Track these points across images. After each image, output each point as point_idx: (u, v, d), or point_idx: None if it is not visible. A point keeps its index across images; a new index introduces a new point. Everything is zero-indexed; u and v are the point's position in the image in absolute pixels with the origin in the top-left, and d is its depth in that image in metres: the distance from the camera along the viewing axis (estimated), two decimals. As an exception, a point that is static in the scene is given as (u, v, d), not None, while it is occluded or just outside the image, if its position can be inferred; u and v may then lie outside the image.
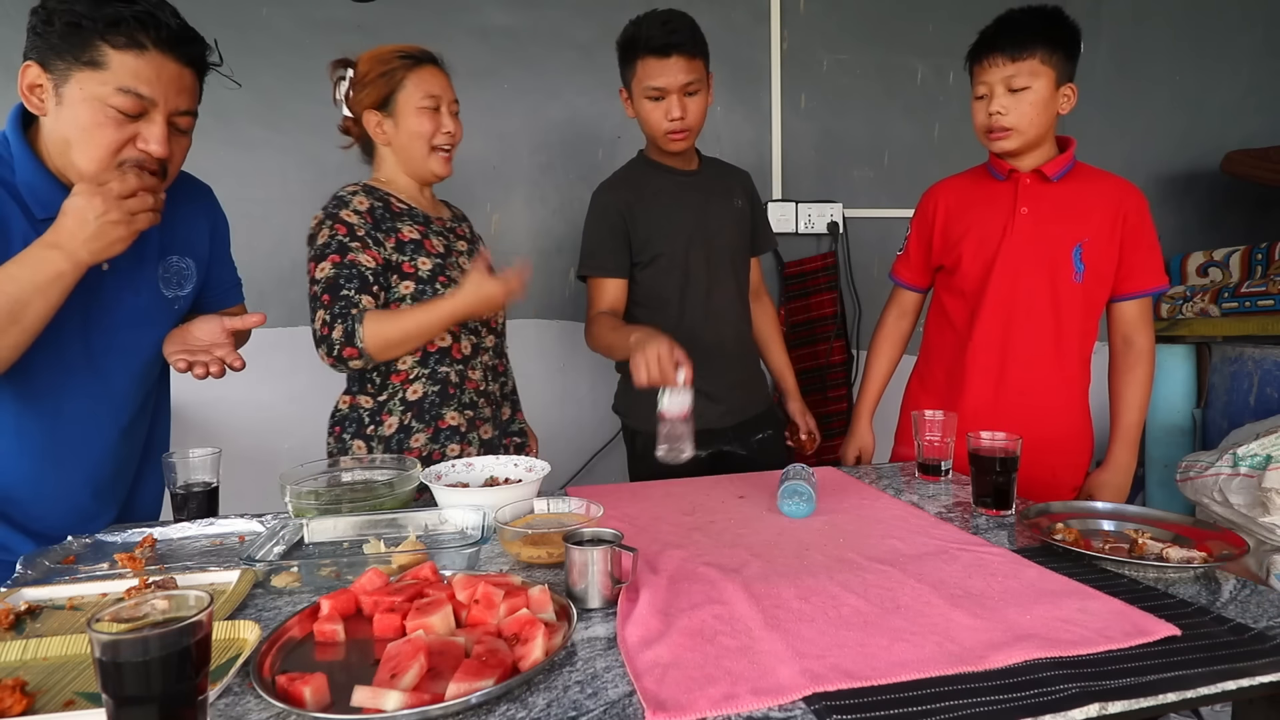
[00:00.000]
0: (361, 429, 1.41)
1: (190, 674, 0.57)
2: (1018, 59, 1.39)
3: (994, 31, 1.44)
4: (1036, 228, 1.47)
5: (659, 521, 1.17)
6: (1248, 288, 2.46)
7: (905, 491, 1.34)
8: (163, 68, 0.99)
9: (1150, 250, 1.48)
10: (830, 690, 0.66)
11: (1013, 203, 1.49)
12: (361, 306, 1.31)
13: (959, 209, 1.56)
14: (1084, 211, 1.46)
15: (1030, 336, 1.49)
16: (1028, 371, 1.50)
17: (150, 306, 1.17)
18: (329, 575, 0.93)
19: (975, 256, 1.51)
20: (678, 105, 1.54)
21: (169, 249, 1.20)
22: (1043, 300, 1.47)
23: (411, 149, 1.41)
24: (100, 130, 0.98)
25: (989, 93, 1.43)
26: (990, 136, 1.46)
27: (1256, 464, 1.96)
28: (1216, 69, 2.84)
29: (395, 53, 1.39)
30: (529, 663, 0.68)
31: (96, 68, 0.96)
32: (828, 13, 2.51)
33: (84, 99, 0.97)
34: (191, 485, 1.20)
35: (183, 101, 1.04)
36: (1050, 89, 1.41)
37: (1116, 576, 0.92)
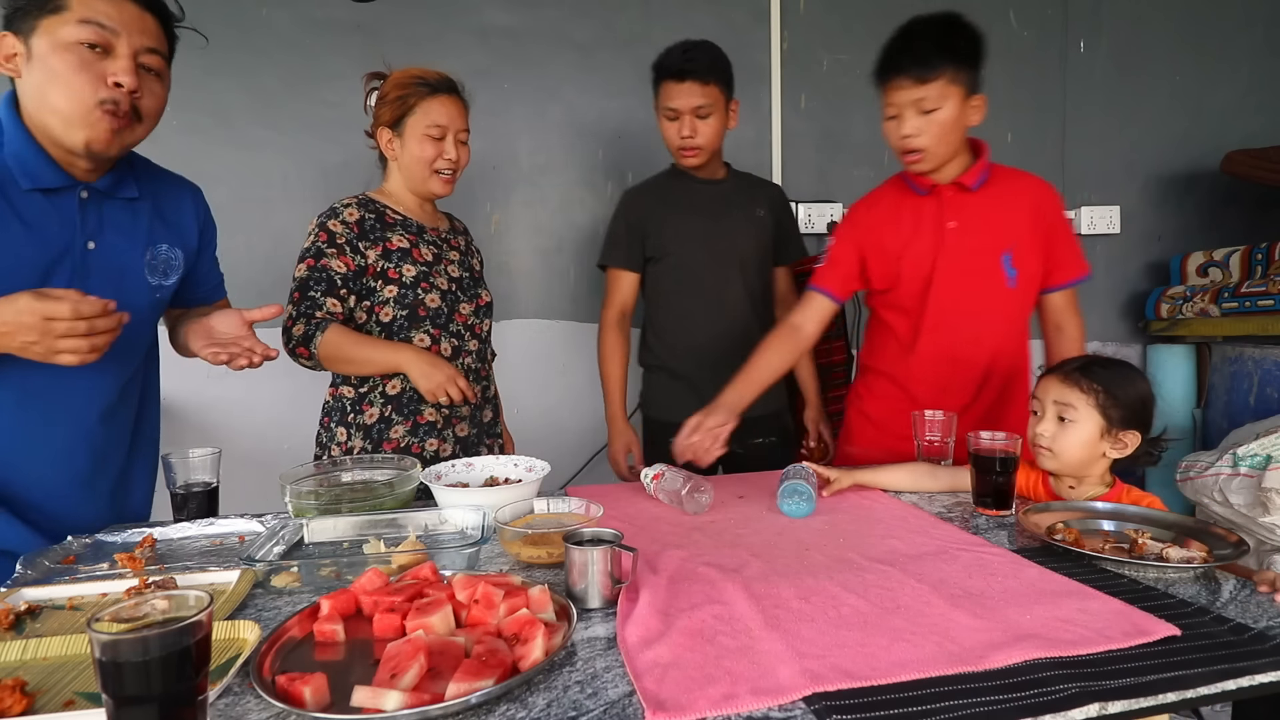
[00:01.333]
0: (344, 417, 1.50)
1: (190, 674, 0.57)
2: (925, 81, 1.37)
3: (898, 51, 1.41)
4: (966, 240, 1.49)
5: (659, 521, 1.17)
6: (1248, 288, 2.46)
7: (905, 492, 1.33)
8: (121, 6, 1.02)
9: (1070, 243, 1.53)
10: (830, 690, 0.66)
11: (940, 217, 1.50)
12: (327, 309, 1.41)
13: (888, 228, 1.55)
14: (1007, 218, 1.49)
15: (973, 344, 1.52)
16: (974, 376, 1.53)
17: (134, 292, 1.17)
18: (329, 575, 0.93)
19: (913, 274, 1.52)
20: (688, 125, 1.70)
21: (158, 238, 1.21)
22: (982, 308, 1.50)
23: (413, 169, 1.49)
24: (70, 71, 1.00)
25: (899, 114, 1.42)
26: (905, 158, 1.46)
27: (1256, 464, 1.96)
28: (1216, 69, 2.84)
29: (415, 78, 1.46)
30: (529, 663, 0.68)
31: (58, 11, 0.99)
32: (828, 13, 2.51)
33: (51, 46, 1.00)
34: (191, 485, 1.20)
35: (147, 40, 1.05)
36: (960, 106, 1.40)
37: (1116, 576, 0.92)
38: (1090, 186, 2.79)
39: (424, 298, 1.47)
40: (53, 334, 0.94)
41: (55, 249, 1.07)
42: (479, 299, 1.59)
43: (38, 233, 1.06)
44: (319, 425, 1.55)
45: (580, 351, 2.42)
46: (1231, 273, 2.60)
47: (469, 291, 1.57)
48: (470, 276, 1.60)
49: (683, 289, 1.82)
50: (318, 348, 1.38)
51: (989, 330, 1.52)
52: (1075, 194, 2.79)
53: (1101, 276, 2.85)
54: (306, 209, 2.12)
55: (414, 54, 2.22)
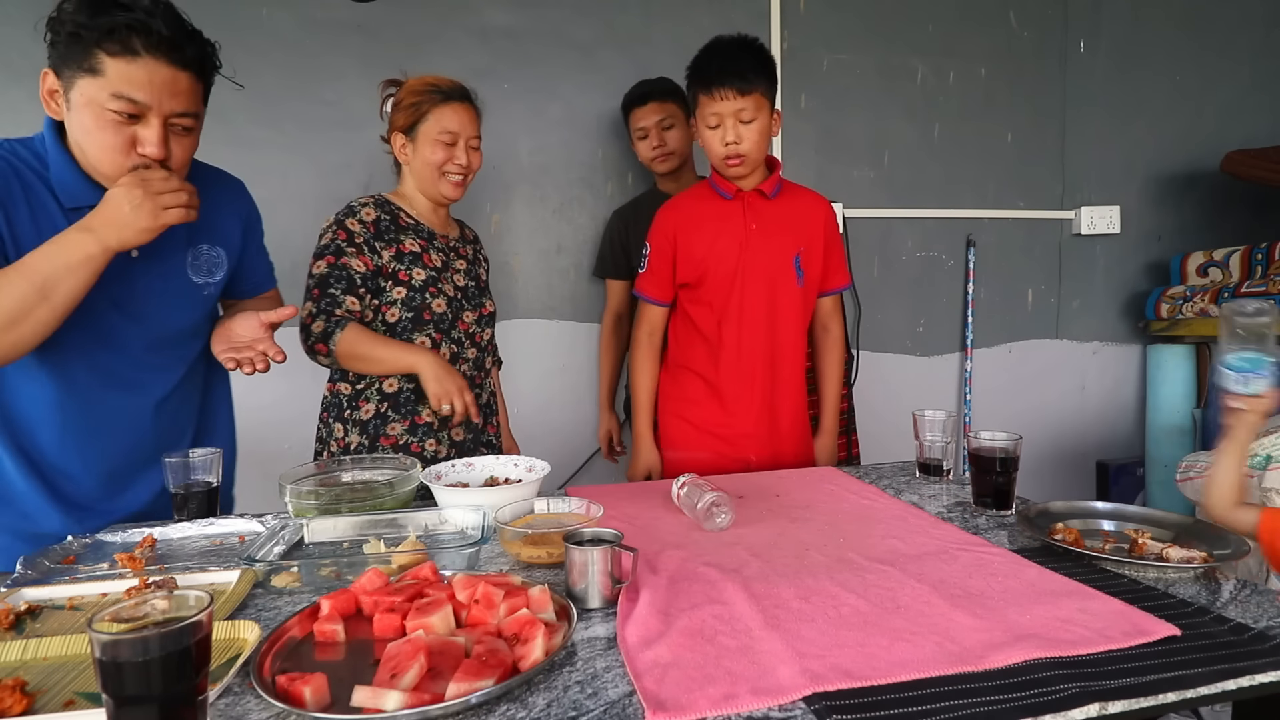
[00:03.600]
0: (341, 413, 1.52)
1: (190, 674, 0.57)
2: (746, 94, 1.52)
3: (720, 65, 1.53)
4: (766, 241, 1.64)
5: (659, 521, 1.17)
6: (1248, 288, 2.46)
7: (905, 491, 1.34)
8: (155, 72, 1.03)
9: (840, 254, 1.76)
10: (830, 690, 0.66)
11: (743, 219, 1.64)
12: (346, 307, 1.43)
13: (696, 227, 1.66)
14: (798, 224, 1.67)
15: (772, 336, 1.66)
16: (773, 366, 1.68)
17: (180, 291, 1.24)
18: (329, 575, 0.93)
19: (719, 269, 1.64)
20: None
21: (198, 238, 1.26)
22: (778, 304, 1.66)
23: (423, 174, 1.52)
24: (102, 133, 1.04)
25: (721, 123, 1.55)
26: (727, 163, 1.58)
27: (1256, 464, 1.96)
28: (1217, 68, 2.84)
29: (429, 85, 1.50)
30: (529, 663, 0.68)
31: (95, 74, 1.02)
32: (828, 13, 2.51)
33: (85, 104, 1.03)
34: (191, 485, 1.20)
35: (178, 104, 1.08)
36: (768, 117, 1.57)
37: (1116, 576, 0.92)
38: (1090, 186, 2.80)
39: (430, 302, 1.50)
40: (153, 191, 1.01)
41: None
42: (482, 308, 1.63)
43: None
44: (319, 420, 1.57)
45: (580, 351, 2.42)
46: (1231, 273, 2.60)
47: (473, 300, 1.61)
48: (475, 285, 1.63)
49: None
50: (336, 345, 1.40)
51: (783, 326, 1.67)
52: (1075, 194, 2.79)
53: (1101, 276, 2.85)
54: (306, 209, 2.12)
55: (414, 54, 2.23)
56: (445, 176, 1.51)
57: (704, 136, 1.60)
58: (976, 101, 2.67)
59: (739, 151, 1.56)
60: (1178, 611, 0.81)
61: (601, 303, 2.45)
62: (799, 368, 1.72)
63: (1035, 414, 2.81)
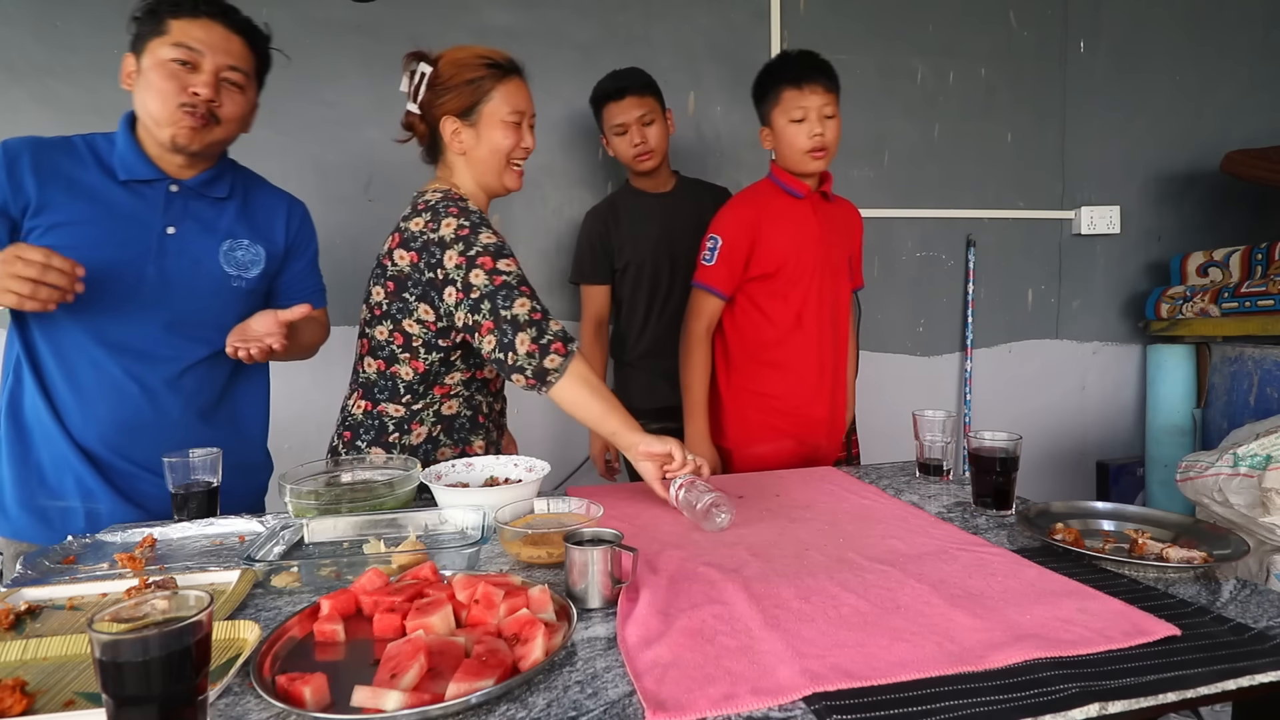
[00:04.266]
0: (382, 436, 1.37)
1: (190, 674, 0.57)
2: (830, 91, 1.65)
3: (806, 63, 1.65)
4: (829, 240, 1.75)
5: (659, 521, 1.17)
6: (1248, 288, 2.46)
7: (905, 491, 1.34)
8: (210, 29, 1.22)
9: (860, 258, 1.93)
10: (830, 690, 0.66)
11: (814, 218, 1.74)
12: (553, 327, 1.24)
13: (775, 222, 1.72)
14: (846, 229, 1.82)
15: (835, 330, 1.79)
16: (836, 357, 1.80)
17: (209, 276, 1.32)
18: (329, 575, 0.93)
19: (799, 264, 1.72)
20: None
21: (238, 231, 1.36)
22: (839, 300, 1.80)
23: (489, 162, 1.34)
24: (161, 81, 1.21)
25: (807, 117, 1.63)
26: (812, 155, 1.65)
27: (1256, 464, 1.96)
28: (1217, 69, 2.84)
29: (482, 59, 1.32)
30: (529, 663, 0.68)
31: (162, 35, 1.21)
32: (828, 13, 2.51)
33: (152, 63, 1.21)
34: (191, 485, 1.20)
35: (229, 58, 1.25)
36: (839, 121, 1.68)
37: (1116, 576, 0.92)
38: (1090, 186, 2.80)
39: None
40: (9, 270, 1.05)
41: (135, 229, 1.26)
42: None
43: (122, 214, 1.25)
44: (336, 438, 1.43)
45: (580, 351, 2.42)
46: (1231, 273, 2.60)
47: None
48: None
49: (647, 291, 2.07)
50: (568, 369, 1.22)
51: (842, 321, 1.82)
52: (1075, 194, 2.79)
53: (1101, 276, 2.85)
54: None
55: (414, 54, 2.23)
56: (511, 164, 1.36)
57: (783, 132, 1.66)
58: (976, 101, 2.67)
59: (824, 144, 1.63)
60: (1178, 611, 0.81)
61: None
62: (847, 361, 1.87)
63: (1035, 414, 2.81)
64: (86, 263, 1.15)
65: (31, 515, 1.25)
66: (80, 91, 2.08)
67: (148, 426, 1.29)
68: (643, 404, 2.06)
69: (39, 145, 1.23)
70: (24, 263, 1.05)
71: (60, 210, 1.21)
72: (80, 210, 1.22)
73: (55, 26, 2.05)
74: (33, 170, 1.20)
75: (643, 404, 2.06)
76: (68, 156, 1.24)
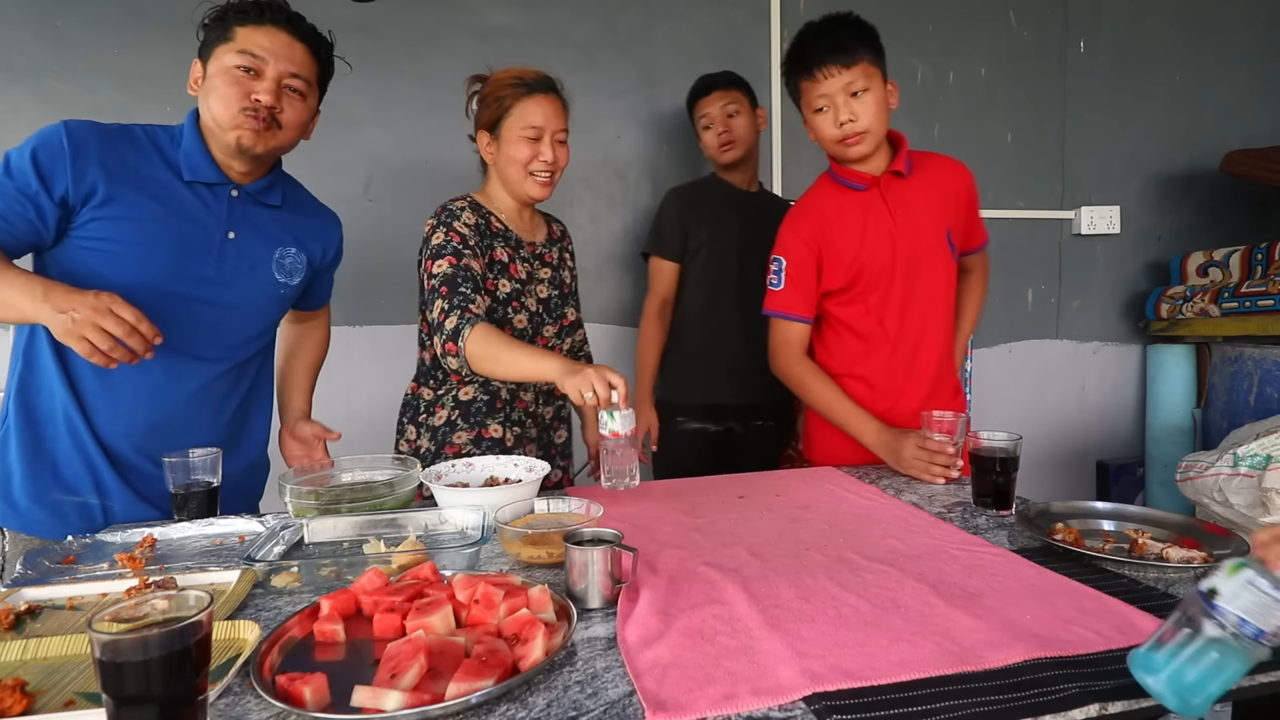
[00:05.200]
0: (416, 415, 1.53)
1: (190, 674, 0.57)
2: (851, 65, 1.43)
3: (815, 46, 1.45)
4: (914, 223, 1.54)
5: (659, 521, 1.17)
6: (1248, 288, 2.46)
7: (905, 491, 1.34)
8: (274, 37, 1.24)
9: (978, 213, 1.67)
10: (830, 690, 0.66)
11: (886, 208, 1.54)
12: (476, 304, 1.37)
13: (839, 228, 1.55)
14: (940, 198, 1.56)
15: (928, 318, 1.57)
16: (932, 359, 1.59)
17: (262, 283, 1.34)
18: (329, 575, 0.93)
19: (874, 265, 1.53)
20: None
21: (288, 242, 1.38)
22: (934, 285, 1.57)
23: (509, 172, 1.46)
24: (226, 87, 1.22)
25: (830, 103, 1.46)
26: (846, 143, 1.48)
27: (1256, 464, 1.96)
28: (1216, 69, 2.84)
29: (513, 78, 1.44)
30: (529, 663, 0.68)
31: (228, 42, 1.22)
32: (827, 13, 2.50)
33: (218, 69, 1.23)
34: (191, 485, 1.20)
35: (293, 65, 1.26)
36: (882, 87, 1.47)
37: (1116, 576, 0.92)
38: (1090, 186, 2.80)
39: (512, 318, 1.48)
40: (96, 319, 1.04)
41: (199, 230, 1.26)
42: (564, 319, 1.60)
43: (188, 215, 1.25)
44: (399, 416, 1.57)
45: (581, 351, 2.42)
46: (1231, 273, 2.60)
47: (555, 312, 1.58)
48: (559, 295, 1.59)
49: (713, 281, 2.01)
50: (464, 344, 1.32)
51: (938, 306, 1.58)
52: (1075, 194, 2.79)
53: (1101, 276, 2.85)
54: (306, 209, 2.12)
55: (414, 54, 2.23)
56: (532, 175, 1.45)
57: (815, 126, 1.50)
58: (976, 101, 2.67)
59: (856, 129, 1.45)
60: (1178, 611, 0.81)
61: (601, 301, 2.45)
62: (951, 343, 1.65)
63: (1035, 414, 2.81)
64: (151, 261, 1.20)
65: (44, 509, 1.23)
66: (80, 91, 2.08)
67: (177, 428, 1.28)
68: (686, 398, 2.03)
69: (104, 133, 1.21)
70: (115, 319, 1.04)
71: (128, 205, 1.20)
72: (149, 207, 1.21)
73: (55, 26, 2.05)
74: (99, 160, 1.18)
75: (686, 398, 2.03)
76: (133, 149, 1.23)
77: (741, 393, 2.00)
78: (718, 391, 2.00)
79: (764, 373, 1.96)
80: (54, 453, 1.24)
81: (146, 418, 1.26)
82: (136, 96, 2.09)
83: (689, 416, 2.03)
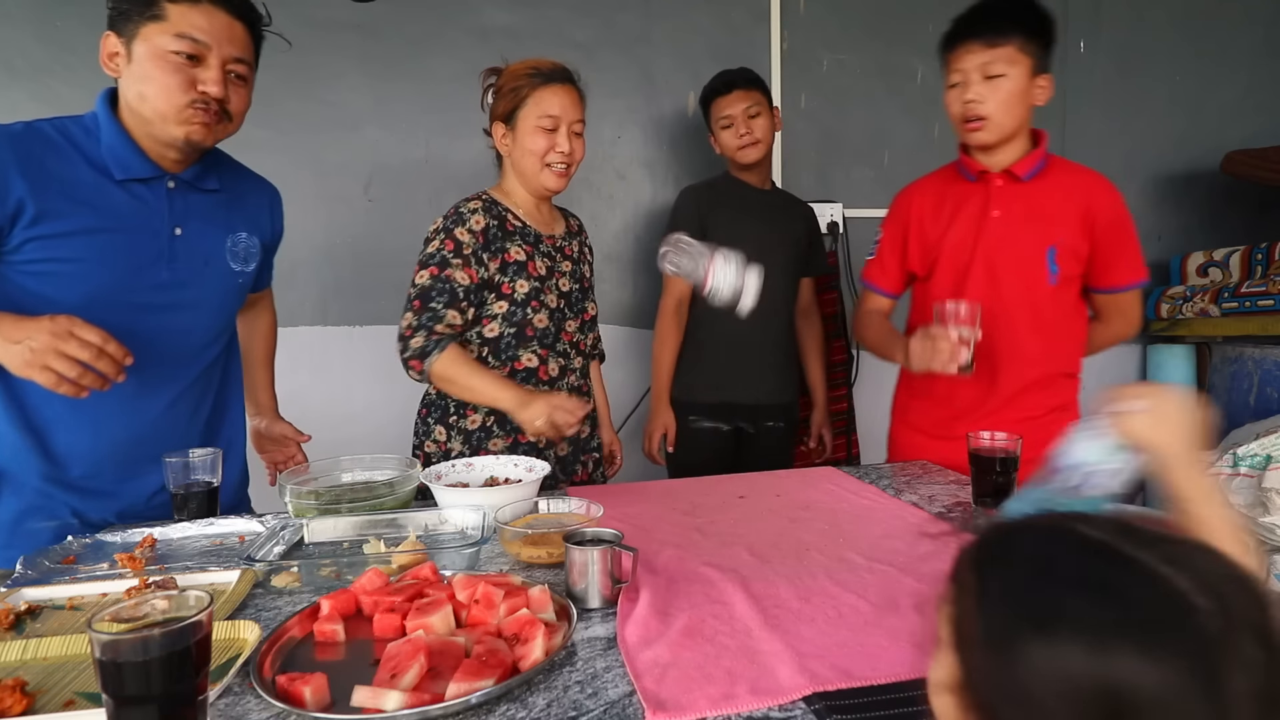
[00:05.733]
0: (445, 416, 1.47)
1: (190, 674, 0.57)
2: (994, 46, 1.34)
3: (969, 19, 1.39)
4: (1009, 230, 1.43)
5: (659, 521, 1.17)
6: (1248, 288, 2.46)
7: (905, 491, 1.34)
8: (214, 17, 1.11)
9: (1127, 243, 1.44)
10: (830, 690, 0.66)
11: (985, 206, 1.45)
12: (447, 322, 1.36)
13: (933, 214, 1.51)
14: (1056, 212, 1.43)
15: (1010, 341, 1.45)
16: (1014, 376, 1.47)
17: (219, 276, 1.26)
18: (329, 575, 0.93)
19: (951, 263, 1.48)
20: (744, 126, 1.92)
21: (236, 225, 1.29)
22: (1018, 305, 1.44)
23: (524, 164, 1.43)
24: (164, 75, 1.09)
25: (964, 80, 1.38)
26: (966, 126, 1.40)
27: (1256, 464, 1.96)
28: (1216, 69, 2.83)
29: (529, 68, 1.41)
30: (529, 663, 0.68)
31: (158, 20, 1.08)
32: (828, 13, 2.51)
33: (149, 52, 1.09)
34: (191, 485, 1.20)
35: (235, 49, 1.14)
36: (1026, 78, 1.36)
37: (1116, 576, 0.92)
38: (1090, 186, 2.79)
39: (532, 318, 1.44)
40: (58, 345, 0.95)
41: (147, 233, 1.16)
42: (584, 313, 1.56)
43: (131, 219, 1.15)
44: (416, 416, 1.53)
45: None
46: (1231, 273, 2.60)
47: (576, 306, 1.54)
48: (580, 289, 1.56)
49: None
50: (431, 368, 1.34)
51: (1027, 328, 1.44)
52: (1075, 194, 2.79)
53: (1101, 276, 2.85)
54: (305, 209, 2.12)
55: (414, 54, 2.23)
56: (548, 167, 1.42)
57: (947, 101, 1.42)
58: (976, 101, 2.67)
59: (979, 112, 1.35)
60: (1177, 611, 0.81)
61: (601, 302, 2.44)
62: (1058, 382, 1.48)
63: (1035, 414, 2.81)
64: (99, 276, 1.10)
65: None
66: (80, 91, 2.08)
67: (152, 447, 1.19)
68: (705, 397, 1.98)
69: (14, 139, 1.08)
70: (79, 343, 0.95)
71: (61, 219, 1.08)
72: (84, 218, 1.10)
73: (55, 26, 2.05)
74: (19, 171, 1.05)
75: (705, 397, 1.98)
76: (50, 151, 1.10)
77: (754, 392, 1.98)
78: (730, 390, 1.98)
79: (777, 373, 2.00)
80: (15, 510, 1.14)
81: (119, 442, 1.18)
82: (136, 96, 2.09)
83: (701, 415, 2.01)
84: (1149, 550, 0.39)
